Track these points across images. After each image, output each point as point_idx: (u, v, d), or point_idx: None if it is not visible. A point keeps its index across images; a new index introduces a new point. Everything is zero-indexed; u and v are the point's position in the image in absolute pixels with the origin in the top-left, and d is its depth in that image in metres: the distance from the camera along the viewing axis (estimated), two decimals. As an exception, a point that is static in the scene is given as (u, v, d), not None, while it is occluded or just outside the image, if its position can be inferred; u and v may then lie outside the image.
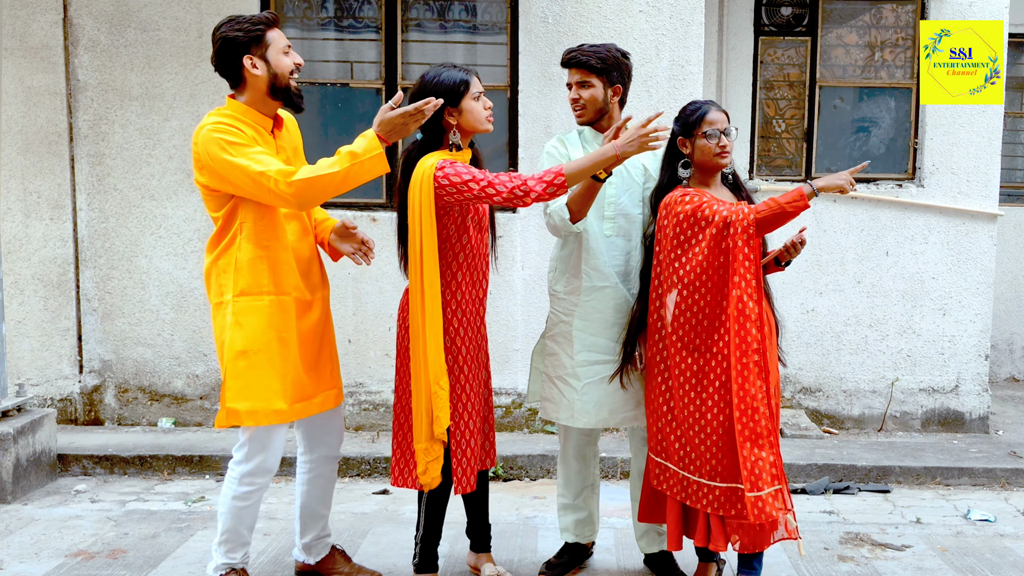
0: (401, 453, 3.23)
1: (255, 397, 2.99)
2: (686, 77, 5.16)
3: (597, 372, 3.35)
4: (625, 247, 3.32)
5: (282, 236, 3.03)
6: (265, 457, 3.06)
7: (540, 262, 5.27)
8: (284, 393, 3.03)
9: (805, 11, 5.79)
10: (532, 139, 5.25)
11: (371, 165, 2.87)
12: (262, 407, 2.99)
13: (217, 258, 3.04)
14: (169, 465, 4.85)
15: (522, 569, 3.64)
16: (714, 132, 3.05)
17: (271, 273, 3.01)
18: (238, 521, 3.10)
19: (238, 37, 2.95)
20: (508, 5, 5.36)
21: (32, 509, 4.33)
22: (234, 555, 3.15)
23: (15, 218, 5.34)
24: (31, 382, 5.35)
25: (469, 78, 3.09)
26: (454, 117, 3.08)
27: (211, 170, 2.93)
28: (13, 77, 5.28)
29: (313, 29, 5.46)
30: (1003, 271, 7.05)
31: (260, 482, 3.08)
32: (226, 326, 3.00)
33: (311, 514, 3.39)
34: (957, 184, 5.58)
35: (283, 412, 3.03)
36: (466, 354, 3.17)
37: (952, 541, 4.03)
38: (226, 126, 2.93)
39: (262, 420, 3.00)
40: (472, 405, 3.21)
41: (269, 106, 3.04)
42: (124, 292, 5.40)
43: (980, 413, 5.65)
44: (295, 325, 3.06)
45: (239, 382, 2.99)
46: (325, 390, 3.21)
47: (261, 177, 2.84)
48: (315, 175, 2.85)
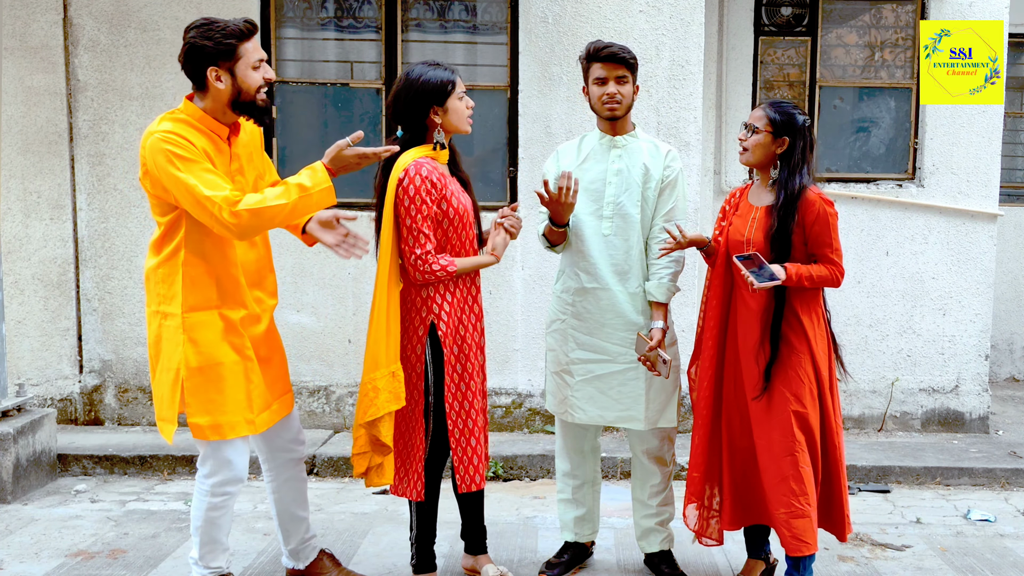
0: (401, 462, 3.25)
1: (216, 411, 2.96)
2: (686, 77, 5.16)
3: (590, 370, 3.38)
4: (623, 247, 3.31)
5: (228, 251, 2.96)
6: (232, 467, 3.03)
7: (540, 262, 5.27)
8: (251, 404, 3.01)
9: (805, 11, 5.79)
10: (532, 139, 5.25)
11: (319, 198, 2.87)
12: (226, 420, 2.96)
13: (159, 265, 2.95)
14: (169, 465, 4.85)
15: (522, 569, 3.64)
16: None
17: (218, 288, 2.95)
18: (216, 530, 3.08)
19: (206, 47, 2.82)
20: (508, 5, 5.36)
21: (32, 509, 4.33)
22: (217, 563, 3.12)
23: (15, 218, 5.34)
24: (31, 382, 5.35)
25: (455, 78, 3.12)
26: (439, 116, 3.10)
27: (155, 179, 2.84)
28: (13, 77, 5.28)
29: (313, 29, 5.46)
30: (1003, 271, 7.04)
31: (232, 490, 3.05)
32: (179, 342, 2.92)
33: (290, 518, 3.35)
34: (957, 184, 5.58)
35: (254, 423, 3.02)
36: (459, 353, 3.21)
37: (952, 541, 4.03)
38: (176, 137, 2.80)
39: (228, 433, 2.97)
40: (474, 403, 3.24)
41: (228, 116, 2.94)
42: (124, 292, 5.40)
43: (980, 413, 5.65)
44: (247, 337, 3.02)
45: (198, 398, 2.94)
46: (280, 396, 3.19)
47: (206, 201, 2.75)
48: (261, 206, 2.78)
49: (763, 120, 3.16)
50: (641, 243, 3.33)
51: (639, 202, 3.31)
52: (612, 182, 3.30)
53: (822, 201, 3.12)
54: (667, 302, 3.32)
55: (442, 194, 3.08)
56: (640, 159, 3.32)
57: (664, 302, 3.31)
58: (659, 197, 3.33)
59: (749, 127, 3.19)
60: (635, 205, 3.30)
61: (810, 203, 3.11)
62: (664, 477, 3.53)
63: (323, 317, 5.35)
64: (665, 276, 3.32)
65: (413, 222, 3.04)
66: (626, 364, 3.35)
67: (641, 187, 3.30)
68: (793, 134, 3.14)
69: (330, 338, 5.37)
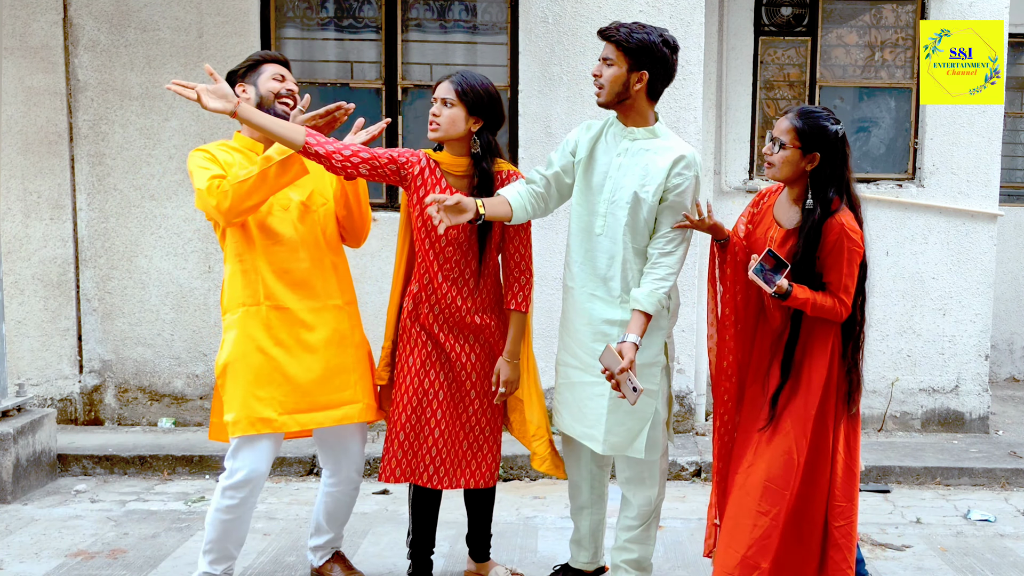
0: (389, 447, 3.22)
1: (236, 408, 2.99)
2: (686, 77, 5.16)
3: (567, 375, 3.18)
4: (609, 250, 3.00)
5: (254, 246, 3.03)
6: (249, 470, 3.01)
7: (539, 263, 5.25)
8: (272, 402, 3.00)
9: (805, 11, 5.79)
10: (532, 139, 5.25)
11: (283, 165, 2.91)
12: (244, 416, 2.98)
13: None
14: (169, 465, 4.85)
15: (522, 569, 3.64)
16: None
17: (245, 284, 3.04)
18: (223, 534, 3.07)
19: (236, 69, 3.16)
20: (508, 5, 5.36)
21: (32, 509, 4.33)
22: (216, 567, 3.11)
23: (15, 218, 5.34)
24: (31, 382, 5.35)
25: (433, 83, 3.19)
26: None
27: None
28: (13, 77, 5.28)
29: (313, 29, 5.46)
30: (1003, 271, 7.04)
31: (242, 495, 3.02)
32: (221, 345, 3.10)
33: (319, 527, 3.38)
34: (957, 184, 5.58)
35: (271, 421, 3.00)
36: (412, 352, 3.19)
37: (952, 541, 4.03)
38: (200, 152, 3.04)
39: (247, 429, 2.98)
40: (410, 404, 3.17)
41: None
42: (124, 292, 5.40)
43: (980, 413, 5.65)
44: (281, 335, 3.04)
45: (226, 396, 3.03)
46: (337, 406, 3.13)
47: (200, 193, 2.93)
48: (235, 181, 2.91)
49: (790, 133, 2.84)
50: (630, 250, 2.98)
51: (628, 204, 2.95)
52: (612, 176, 3.00)
53: (845, 231, 2.81)
54: (652, 315, 2.91)
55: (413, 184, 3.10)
56: (643, 159, 2.96)
57: (649, 314, 2.90)
58: (662, 206, 2.96)
59: (776, 140, 2.87)
60: (624, 207, 2.96)
61: (831, 230, 2.82)
62: (640, 516, 3.18)
63: (323, 317, 5.35)
64: (660, 288, 2.92)
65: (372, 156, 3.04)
66: (593, 378, 3.01)
67: (636, 189, 2.94)
68: (824, 148, 2.83)
69: (330, 338, 5.37)
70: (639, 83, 2.92)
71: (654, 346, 3.02)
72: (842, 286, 2.85)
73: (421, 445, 3.18)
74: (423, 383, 3.18)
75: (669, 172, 2.94)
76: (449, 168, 3.12)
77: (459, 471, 3.23)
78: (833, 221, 2.82)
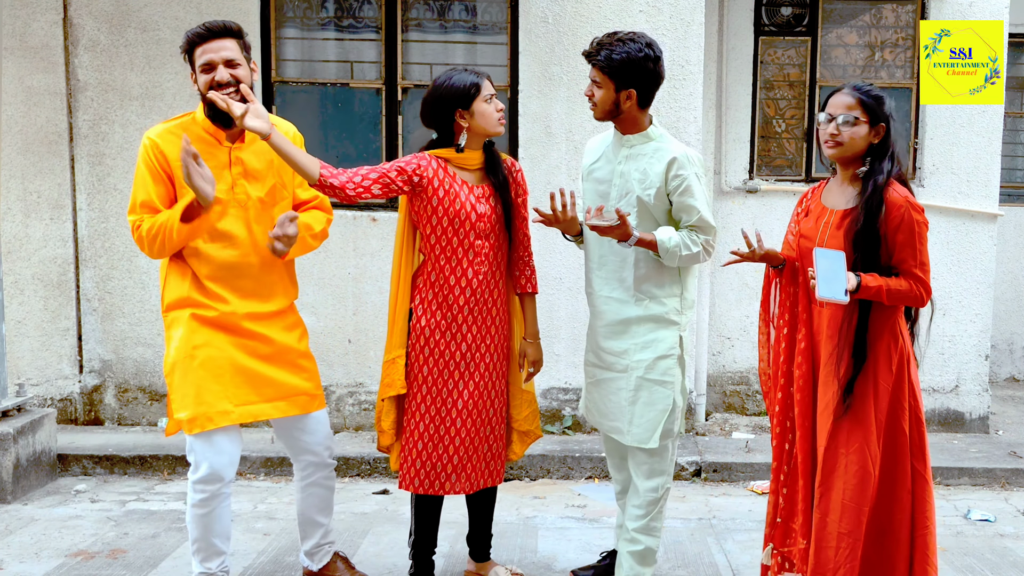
0: (407, 456, 3.23)
1: (190, 405, 2.99)
2: (686, 77, 5.17)
3: (592, 374, 3.32)
4: (621, 251, 3.10)
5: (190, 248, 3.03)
6: (211, 462, 3.01)
7: (540, 262, 5.25)
8: (225, 394, 3.02)
9: (805, 11, 5.79)
10: (532, 139, 5.25)
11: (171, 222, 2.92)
12: (200, 412, 2.98)
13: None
14: (169, 465, 4.85)
15: (522, 569, 3.64)
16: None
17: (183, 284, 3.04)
18: (204, 530, 3.07)
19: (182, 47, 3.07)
20: (508, 5, 5.36)
21: (32, 509, 4.33)
22: (209, 564, 3.12)
23: (15, 218, 5.34)
24: (31, 382, 5.35)
25: (480, 81, 3.13)
26: (465, 120, 3.12)
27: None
28: (13, 77, 5.28)
29: (313, 29, 5.46)
30: (1003, 271, 7.04)
31: (212, 489, 3.02)
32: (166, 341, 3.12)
33: (308, 521, 3.36)
34: (957, 184, 5.58)
35: (228, 413, 3.02)
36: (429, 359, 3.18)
37: (952, 541, 4.03)
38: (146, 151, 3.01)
39: (205, 424, 2.99)
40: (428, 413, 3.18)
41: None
42: (124, 292, 5.40)
43: (980, 413, 5.65)
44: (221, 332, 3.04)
45: (176, 394, 3.03)
46: (286, 396, 3.15)
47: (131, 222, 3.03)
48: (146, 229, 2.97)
49: (857, 109, 2.80)
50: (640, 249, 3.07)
51: (635, 208, 3.08)
52: (616, 184, 3.13)
53: (909, 205, 2.74)
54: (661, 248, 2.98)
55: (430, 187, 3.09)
56: (642, 163, 3.09)
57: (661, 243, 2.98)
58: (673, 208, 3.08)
59: (837, 118, 2.81)
60: (631, 210, 3.08)
61: (894, 206, 2.73)
62: (647, 503, 3.21)
63: (323, 317, 5.35)
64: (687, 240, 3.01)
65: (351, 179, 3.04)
66: (615, 373, 3.19)
67: (639, 193, 3.07)
68: (887, 119, 2.83)
69: (330, 338, 5.37)
70: (628, 100, 3.05)
71: (669, 338, 3.15)
72: (919, 264, 2.75)
73: (442, 455, 3.19)
74: (441, 392, 3.19)
75: (665, 176, 3.05)
76: (462, 163, 3.16)
77: (477, 474, 3.26)
78: (894, 196, 2.75)
